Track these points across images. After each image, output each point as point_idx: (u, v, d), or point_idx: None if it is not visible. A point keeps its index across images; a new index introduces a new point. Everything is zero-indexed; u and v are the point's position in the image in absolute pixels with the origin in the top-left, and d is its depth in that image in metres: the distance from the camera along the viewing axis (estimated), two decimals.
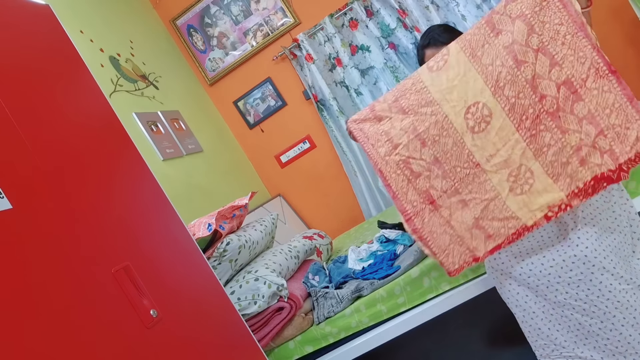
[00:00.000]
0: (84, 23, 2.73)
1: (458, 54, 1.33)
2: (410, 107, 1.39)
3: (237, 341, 1.50)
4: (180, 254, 1.46)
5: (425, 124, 1.37)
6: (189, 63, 3.74)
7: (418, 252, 1.85)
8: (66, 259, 1.04)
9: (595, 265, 1.36)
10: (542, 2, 1.23)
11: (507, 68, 1.27)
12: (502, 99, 1.29)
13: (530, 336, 1.57)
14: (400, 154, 1.41)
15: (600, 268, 1.35)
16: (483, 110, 1.31)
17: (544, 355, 1.56)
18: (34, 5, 1.39)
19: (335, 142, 3.50)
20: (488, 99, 1.30)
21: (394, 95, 1.43)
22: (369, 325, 1.86)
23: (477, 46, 1.31)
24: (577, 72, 1.23)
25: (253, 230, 2.25)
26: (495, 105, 1.30)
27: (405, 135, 1.40)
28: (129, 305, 1.12)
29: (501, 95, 1.29)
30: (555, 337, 1.52)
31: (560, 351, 1.53)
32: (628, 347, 1.40)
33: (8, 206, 0.96)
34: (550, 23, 1.23)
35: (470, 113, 1.32)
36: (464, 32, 1.37)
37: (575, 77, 1.23)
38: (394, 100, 1.43)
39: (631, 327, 1.38)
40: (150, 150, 2.72)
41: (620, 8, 2.90)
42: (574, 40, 1.23)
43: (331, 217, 3.70)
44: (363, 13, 3.34)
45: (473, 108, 1.32)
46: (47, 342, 0.91)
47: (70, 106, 1.33)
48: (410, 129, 1.39)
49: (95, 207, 1.20)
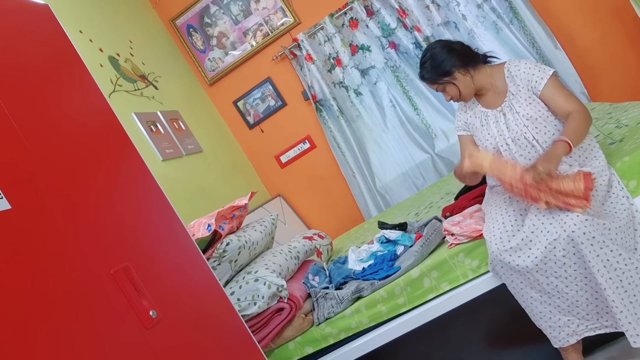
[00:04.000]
0: (84, 23, 2.73)
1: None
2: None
3: (236, 342, 1.49)
4: (179, 254, 1.45)
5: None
6: (189, 63, 3.73)
7: (418, 253, 1.85)
8: (66, 259, 1.04)
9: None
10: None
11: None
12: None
13: (539, 322, 1.60)
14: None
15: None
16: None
17: (555, 340, 1.59)
18: (33, 5, 1.39)
19: (334, 143, 3.49)
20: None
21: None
22: (369, 326, 1.85)
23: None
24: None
25: (253, 230, 2.24)
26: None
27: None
28: (128, 306, 1.12)
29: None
30: (558, 317, 1.56)
31: (567, 331, 1.56)
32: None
33: (8, 206, 0.96)
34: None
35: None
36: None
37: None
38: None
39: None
40: (149, 150, 2.71)
41: (620, 8, 2.90)
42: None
43: (331, 217, 3.70)
44: (363, 13, 3.34)
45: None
46: (47, 342, 0.91)
47: (69, 106, 1.32)
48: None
49: (95, 207, 1.20)
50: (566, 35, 3.12)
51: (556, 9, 3.13)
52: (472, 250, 1.74)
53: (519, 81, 1.69)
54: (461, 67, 1.70)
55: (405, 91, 3.35)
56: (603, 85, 3.14)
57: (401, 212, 2.85)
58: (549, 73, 1.64)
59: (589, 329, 1.54)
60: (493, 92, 1.75)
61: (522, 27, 3.10)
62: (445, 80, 1.72)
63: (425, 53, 1.76)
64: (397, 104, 3.40)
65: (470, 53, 1.76)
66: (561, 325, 1.56)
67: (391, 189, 3.43)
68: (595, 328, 1.53)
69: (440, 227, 1.94)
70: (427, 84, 1.80)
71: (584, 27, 3.11)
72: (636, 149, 1.65)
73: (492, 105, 1.76)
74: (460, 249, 1.76)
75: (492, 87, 1.75)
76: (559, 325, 1.56)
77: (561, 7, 3.12)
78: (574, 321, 1.54)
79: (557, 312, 1.55)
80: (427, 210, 2.52)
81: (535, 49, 3.09)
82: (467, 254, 1.75)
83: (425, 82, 1.79)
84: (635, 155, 1.63)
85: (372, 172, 3.46)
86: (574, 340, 1.56)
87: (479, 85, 1.75)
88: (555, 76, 1.66)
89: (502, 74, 1.74)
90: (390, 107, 3.41)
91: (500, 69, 1.75)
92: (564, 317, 1.55)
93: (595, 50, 3.12)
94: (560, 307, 1.54)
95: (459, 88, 1.72)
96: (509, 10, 3.10)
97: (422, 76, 1.78)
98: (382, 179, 3.44)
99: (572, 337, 1.55)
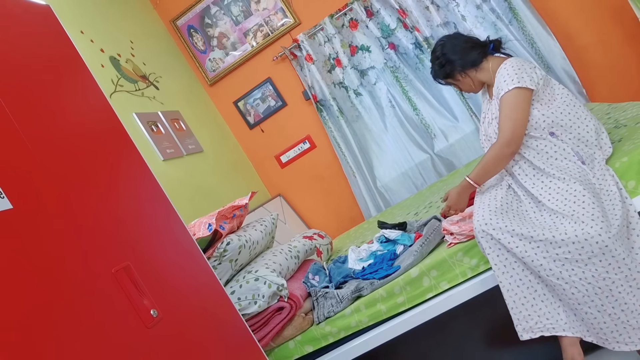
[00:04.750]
0: (85, 23, 2.74)
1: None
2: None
3: (237, 341, 1.50)
4: (180, 254, 1.46)
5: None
6: (189, 63, 3.74)
7: (418, 252, 1.86)
8: (66, 259, 1.04)
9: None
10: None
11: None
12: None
13: (514, 307, 1.60)
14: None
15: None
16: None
17: (526, 329, 1.58)
18: (34, 6, 1.39)
19: (334, 142, 3.49)
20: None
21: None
22: (368, 325, 1.86)
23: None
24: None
25: (253, 230, 2.25)
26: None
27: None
28: (129, 305, 1.12)
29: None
30: (539, 307, 1.55)
31: (544, 323, 1.55)
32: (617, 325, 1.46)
33: (8, 206, 0.97)
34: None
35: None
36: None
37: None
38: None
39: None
40: (150, 150, 2.72)
41: (620, 8, 2.91)
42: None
43: (331, 217, 3.71)
44: (363, 13, 3.34)
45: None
46: (48, 341, 0.91)
47: (70, 106, 1.33)
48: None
49: (96, 207, 1.21)
50: (565, 35, 3.13)
51: (555, 9, 3.14)
52: (471, 249, 1.75)
53: (496, 83, 1.75)
54: (461, 70, 1.84)
55: (405, 91, 3.36)
56: (602, 85, 3.14)
57: (401, 212, 2.86)
58: (510, 86, 1.65)
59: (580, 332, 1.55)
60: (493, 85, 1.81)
61: (522, 28, 3.10)
62: (449, 81, 1.93)
63: (435, 51, 1.92)
64: (396, 104, 3.40)
65: (472, 55, 1.82)
66: (548, 316, 1.56)
67: (391, 189, 3.44)
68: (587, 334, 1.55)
69: (439, 227, 1.94)
70: (437, 80, 1.99)
71: (582, 28, 3.12)
72: (635, 150, 1.65)
73: (492, 97, 1.84)
74: (459, 247, 1.76)
75: (493, 81, 1.79)
76: (534, 311, 1.57)
77: (560, 7, 3.13)
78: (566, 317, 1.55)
79: (540, 301, 1.57)
80: (427, 210, 2.53)
81: (534, 49, 3.10)
82: (466, 252, 1.76)
83: (435, 79, 1.99)
84: (634, 156, 1.64)
85: (373, 171, 3.47)
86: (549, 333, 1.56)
87: (481, 82, 1.87)
88: (516, 91, 1.64)
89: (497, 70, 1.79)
90: (389, 107, 3.42)
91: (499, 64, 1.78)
92: (555, 310, 1.56)
93: (594, 50, 3.13)
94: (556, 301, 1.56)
95: (461, 88, 1.92)
96: (508, 10, 3.11)
97: (431, 75, 1.99)
98: (382, 178, 3.45)
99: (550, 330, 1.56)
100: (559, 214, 1.55)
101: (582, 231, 1.46)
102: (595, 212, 1.48)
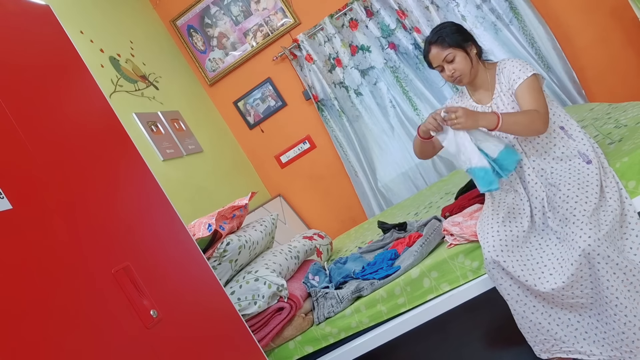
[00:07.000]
0: (84, 23, 2.74)
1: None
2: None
3: (237, 341, 1.50)
4: (180, 254, 1.46)
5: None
6: (189, 63, 3.74)
7: (418, 253, 1.85)
8: (66, 259, 1.04)
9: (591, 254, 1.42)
10: None
11: None
12: None
13: (529, 332, 1.58)
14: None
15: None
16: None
17: (543, 350, 1.57)
18: (34, 6, 1.39)
19: (336, 142, 3.50)
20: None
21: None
22: (369, 326, 1.86)
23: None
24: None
25: (253, 230, 2.25)
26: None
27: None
28: (129, 306, 1.12)
29: None
30: (555, 331, 1.53)
31: (560, 346, 1.54)
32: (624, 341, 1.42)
33: (8, 206, 0.96)
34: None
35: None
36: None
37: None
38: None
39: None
40: (150, 150, 2.72)
41: (620, 8, 2.90)
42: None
43: (331, 217, 3.70)
44: (363, 13, 3.34)
45: None
46: (48, 341, 0.91)
47: (70, 106, 1.33)
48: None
49: (96, 207, 1.20)
50: (565, 35, 3.13)
51: (555, 9, 3.14)
52: (472, 251, 1.74)
53: (504, 79, 1.71)
54: (474, 44, 1.71)
55: (405, 91, 3.36)
56: (602, 85, 3.14)
57: (401, 212, 2.86)
58: (528, 73, 1.62)
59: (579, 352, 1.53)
60: (485, 88, 1.77)
61: (522, 28, 3.10)
62: (462, 47, 1.67)
63: (442, 23, 1.74)
64: (396, 104, 3.40)
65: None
66: (556, 338, 1.55)
67: (391, 189, 3.44)
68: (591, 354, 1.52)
69: (439, 227, 1.94)
70: (437, 49, 1.69)
71: (583, 28, 3.12)
72: (635, 150, 1.65)
73: (482, 101, 1.78)
74: (460, 250, 1.76)
75: (485, 83, 1.76)
76: (550, 335, 1.55)
77: (560, 7, 3.13)
78: (570, 338, 1.53)
79: (555, 325, 1.54)
80: (427, 210, 2.53)
81: (534, 49, 3.10)
82: (467, 255, 1.75)
83: (437, 46, 1.69)
84: (635, 156, 1.63)
85: (374, 171, 3.47)
86: (565, 355, 1.55)
87: (475, 73, 1.73)
88: (534, 77, 1.63)
89: (493, 71, 1.75)
90: (390, 107, 3.42)
91: (493, 67, 1.76)
92: (562, 332, 1.53)
93: (595, 50, 3.13)
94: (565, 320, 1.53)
95: (471, 59, 1.69)
96: (509, 10, 3.11)
97: (438, 38, 1.68)
98: (382, 178, 3.45)
99: (563, 353, 1.55)
100: (566, 218, 1.53)
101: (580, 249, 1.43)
102: (589, 219, 1.47)
